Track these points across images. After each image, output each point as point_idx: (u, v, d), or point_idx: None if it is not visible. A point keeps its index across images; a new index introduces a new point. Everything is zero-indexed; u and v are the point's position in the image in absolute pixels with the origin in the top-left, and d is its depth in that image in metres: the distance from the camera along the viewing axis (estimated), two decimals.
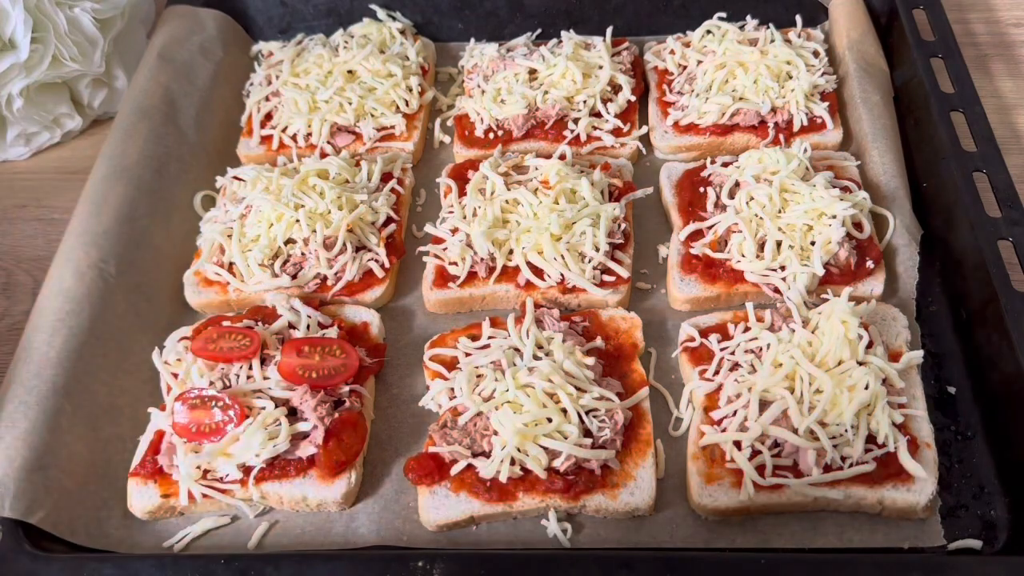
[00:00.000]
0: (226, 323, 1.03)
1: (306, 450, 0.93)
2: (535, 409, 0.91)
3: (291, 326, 1.03)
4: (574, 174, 1.14)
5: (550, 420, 0.90)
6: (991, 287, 0.96)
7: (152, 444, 0.95)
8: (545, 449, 0.90)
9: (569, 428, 0.90)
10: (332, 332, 1.02)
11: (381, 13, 1.42)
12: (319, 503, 0.92)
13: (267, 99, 1.30)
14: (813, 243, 1.06)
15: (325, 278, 1.09)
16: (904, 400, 0.93)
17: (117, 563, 0.84)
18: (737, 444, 0.90)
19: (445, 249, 1.11)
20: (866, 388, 0.90)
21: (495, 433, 0.92)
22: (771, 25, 1.34)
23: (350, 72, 1.31)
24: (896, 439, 0.89)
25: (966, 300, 1.03)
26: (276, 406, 0.94)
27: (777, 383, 0.92)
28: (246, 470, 0.92)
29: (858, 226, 1.09)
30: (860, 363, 0.93)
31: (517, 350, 0.99)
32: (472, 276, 1.09)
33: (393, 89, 1.29)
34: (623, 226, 1.11)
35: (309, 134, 1.26)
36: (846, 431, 0.89)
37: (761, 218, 1.08)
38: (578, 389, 0.94)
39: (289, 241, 1.10)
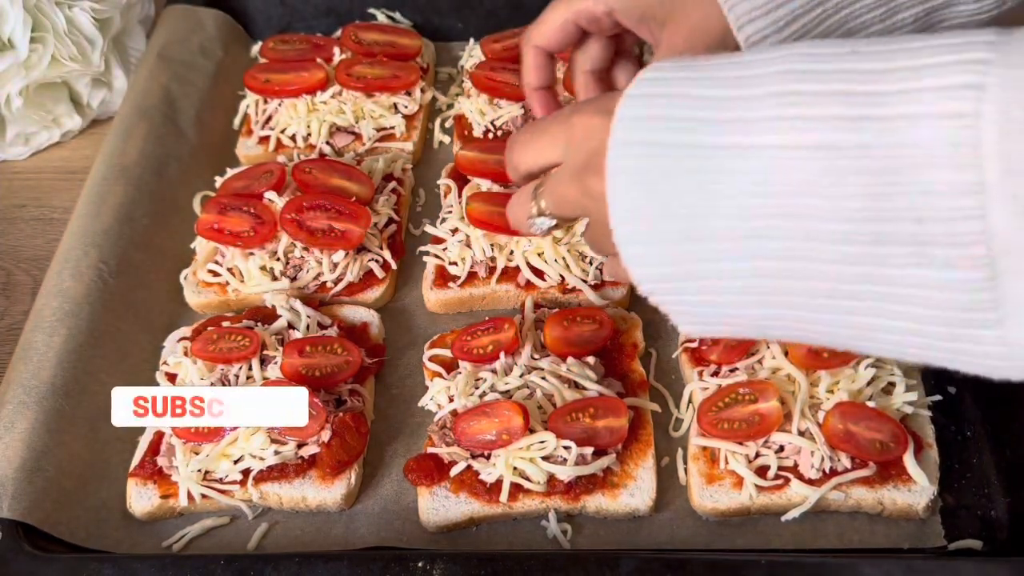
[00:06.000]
0: (226, 324, 1.03)
1: (307, 450, 0.93)
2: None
3: (290, 326, 1.03)
4: None
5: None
6: None
7: (151, 445, 0.95)
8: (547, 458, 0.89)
9: (567, 441, 0.89)
10: (332, 332, 1.02)
11: (380, 15, 1.42)
12: (319, 504, 0.92)
13: (265, 101, 1.30)
14: None
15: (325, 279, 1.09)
16: (908, 399, 0.93)
17: (117, 563, 0.84)
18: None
19: (445, 249, 1.11)
20: (868, 385, 0.91)
21: None
22: None
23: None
24: (899, 440, 0.89)
25: None
26: None
27: (778, 384, 0.92)
28: (245, 471, 0.92)
29: None
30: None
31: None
32: (472, 276, 1.09)
33: None
34: None
35: (308, 134, 1.26)
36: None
37: None
38: (579, 387, 0.94)
39: None
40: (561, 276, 1.06)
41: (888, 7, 0.78)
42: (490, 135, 1.26)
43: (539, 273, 1.07)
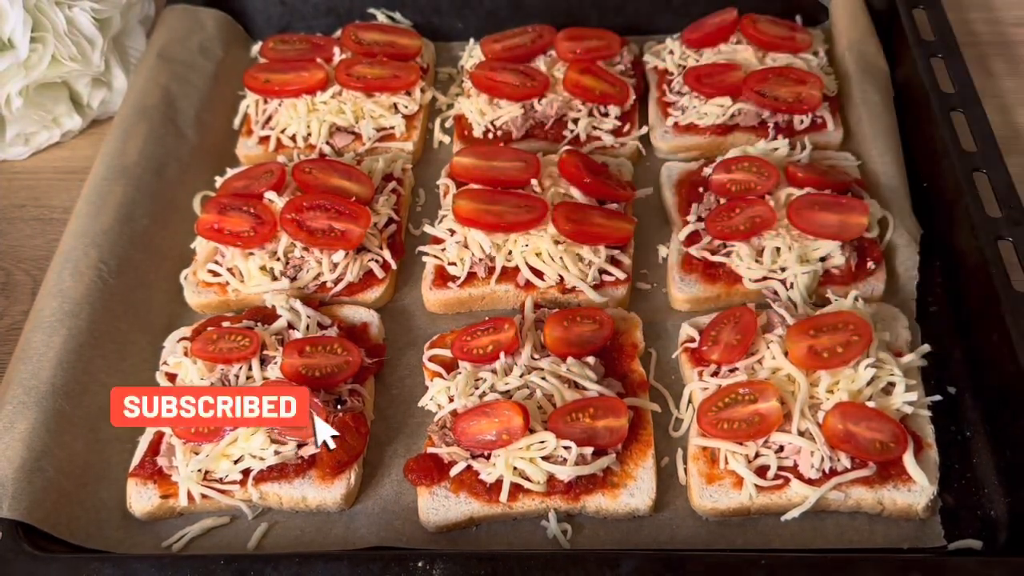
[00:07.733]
0: (225, 324, 1.03)
1: (307, 450, 0.93)
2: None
3: (290, 326, 1.03)
4: None
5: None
6: (991, 287, 0.96)
7: (151, 445, 0.95)
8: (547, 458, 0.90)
9: (566, 441, 0.90)
10: (332, 332, 1.02)
11: (380, 15, 1.42)
12: (319, 504, 0.92)
13: (265, 100, 1.30)
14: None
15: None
16: (908, 399, 0.93)
17: (116, 563, 0.84)
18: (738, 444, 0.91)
19: (443, 249, 1.11)
20: (868, 385, 0.91)
21: None
22: None
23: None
24: (899, 440, 0.89)
25: (966, 300, 1.03)
26: None
27: (778, 383, 0.92)
28: (245, 471, 0.92)
29: None
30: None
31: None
32: (472, 276, 1.09)
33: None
34: None
35: (308, 134, 1.26)
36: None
37: None
38: (579, 388, 0.94)
39: None
40: (560, 276, 1.06)
41: None
42: (490, 135, 1.26)
43: (538, 273, 1.07)
